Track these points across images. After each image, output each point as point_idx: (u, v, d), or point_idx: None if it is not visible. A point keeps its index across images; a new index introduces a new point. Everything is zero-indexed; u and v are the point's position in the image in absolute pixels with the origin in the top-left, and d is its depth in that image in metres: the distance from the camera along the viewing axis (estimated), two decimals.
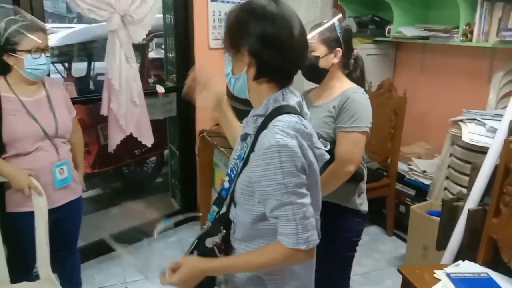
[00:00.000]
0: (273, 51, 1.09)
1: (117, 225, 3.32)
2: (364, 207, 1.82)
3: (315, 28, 1.72)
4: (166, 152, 4.33)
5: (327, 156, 1.20)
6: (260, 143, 1.08)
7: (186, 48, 3.23)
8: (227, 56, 1.17)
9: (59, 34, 4.24)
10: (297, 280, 1.24)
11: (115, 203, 4.01)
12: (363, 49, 3.37)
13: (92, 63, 4.69)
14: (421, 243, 2.70)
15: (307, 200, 1.10)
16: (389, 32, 3.30)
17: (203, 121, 3.36)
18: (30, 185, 1.84)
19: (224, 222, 1.23)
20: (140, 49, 4.41)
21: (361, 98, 1.69)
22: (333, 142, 1.68)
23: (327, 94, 1.76)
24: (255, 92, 1.17)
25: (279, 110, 1.11)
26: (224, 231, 1.22)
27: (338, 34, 1.70)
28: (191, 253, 1.25)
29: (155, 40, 5.43)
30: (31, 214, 1.88)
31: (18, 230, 1.93)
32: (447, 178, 2.76)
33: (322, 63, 1.71)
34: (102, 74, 4.72)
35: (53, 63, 4.35)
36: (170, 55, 3.47)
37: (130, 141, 2.88)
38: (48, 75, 2.16)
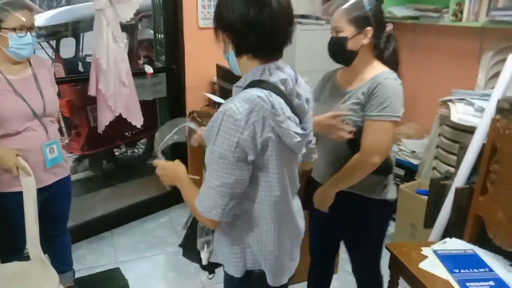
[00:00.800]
0: (242, 29, 1.11)
1: (108, 206, 3.32)
2: (391, 195, 1.72)
3: (340, 6, 1.57)
4: None
5: (298, 139, 1.15)
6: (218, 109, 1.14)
7: (175, 28, 3.19)
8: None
9: (46, 14, 4.15)
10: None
11: (106, 185, 4.00)
12: None
13: (81, 44, 4.61)
14: (409, 221, 2.74)
15: (227, 179, 1.11)
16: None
17: (193, 102, 3.34)
18: (18, 165, 1.82)
19: None
20: (129, 29, 4.34)
21: (393, 84, 1.55)
22: (360, 131, 1.59)
23: (359, 80, 1.63)
24: (241, 67, 1.20)
25: (253, 84, 1.13)
26: None
27: (368, 11, 1.54)
28: (190, 226, 1.41)
29: (144, 21, 5.34)
30: (20, 194, 1.87)
31: (7, 210, 1.92)
32: (435, 157, 2.78)
33: (351, 45, 1.57)
34: (91, 55, 4.66)
35: (39, 43, 4.29)
36: (159, 36, 3.43)
37: (121, 123, 2.86)
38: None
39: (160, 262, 2.79)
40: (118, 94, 2.71)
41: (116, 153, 4.40)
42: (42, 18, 3.97)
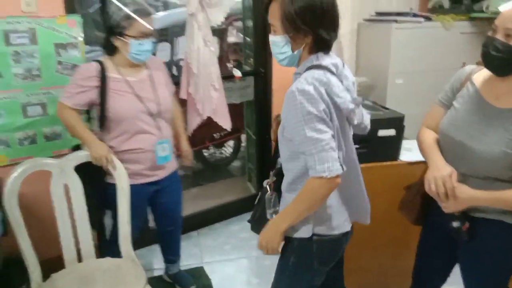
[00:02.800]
0: (323, 25, 1.31)
1: (196, 206, 3.42)
2: None
3: None
4: (244, 136, 4.36)
5: (352, 105, 1.33)
6: (287, 92, 1.32)
7: (263, 31, 3.18)
8: (283, 37, 1.34)
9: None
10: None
11: (195, 184, 4.13)
12: (456, 26, 3.07)
13: (175, 48, 4.82)
14: None
15: (325, 135, 1.26)
16: (487, 7, 2.98)
17: (279, 105, 3.28)
18: (108, 157, 1.89)
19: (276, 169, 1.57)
20: (219, 33, 4.45)
21: None
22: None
23: None
24: (303, 60, 1.39)
25: (310, 68, 1.33)
26: (273, 176, 1.55)
27: None
28: (257, 202, 1.59)
29: (235, 24, 5.45)
30: (113, 186, 1.95)
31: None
32: None
33: None
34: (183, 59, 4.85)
35: None
36: (249, 39, 3.44)
37: (210, 124, 2.91)
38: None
39: (243, 266, 2.79)
40: (207, 98, 2.75)
41: (205, 154, 4.53)
42: None
